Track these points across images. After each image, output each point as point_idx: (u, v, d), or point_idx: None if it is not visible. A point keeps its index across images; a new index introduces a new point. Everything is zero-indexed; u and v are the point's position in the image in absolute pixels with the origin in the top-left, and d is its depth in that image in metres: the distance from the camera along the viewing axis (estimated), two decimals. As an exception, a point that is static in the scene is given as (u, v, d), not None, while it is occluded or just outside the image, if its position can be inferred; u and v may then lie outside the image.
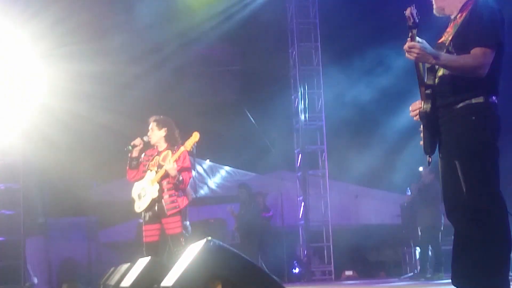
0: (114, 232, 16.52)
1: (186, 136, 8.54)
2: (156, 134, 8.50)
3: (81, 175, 14.64)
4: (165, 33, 15.45)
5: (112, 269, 9.65)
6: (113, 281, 8.42)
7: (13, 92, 13.68)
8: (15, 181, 14.52)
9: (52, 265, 15.55)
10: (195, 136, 8.31)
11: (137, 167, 8.61)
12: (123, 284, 6.85)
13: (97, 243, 16.16)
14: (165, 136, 8.48)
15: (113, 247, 15.52)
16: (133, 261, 7.45)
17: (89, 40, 13.71)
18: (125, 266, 8.15)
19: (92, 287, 10.18)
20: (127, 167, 8.71)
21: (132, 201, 8.71)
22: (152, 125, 8.55)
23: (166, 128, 8.49)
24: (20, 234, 14.55)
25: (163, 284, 4.57)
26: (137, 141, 8.61)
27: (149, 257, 6.83)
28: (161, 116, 8.68)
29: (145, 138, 8.58)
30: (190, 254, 4.50)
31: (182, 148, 8.28)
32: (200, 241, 4.55)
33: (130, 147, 8.49)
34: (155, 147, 8.64)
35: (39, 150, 13.93)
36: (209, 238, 4.76)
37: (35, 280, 14.67)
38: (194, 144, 8.43)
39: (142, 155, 8.74)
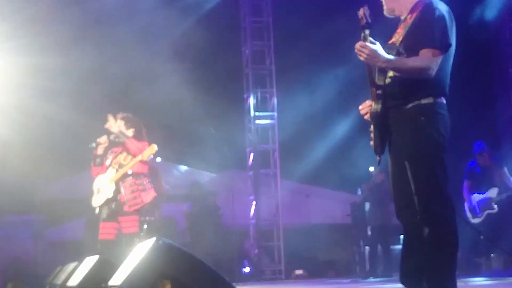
0: (61, 231, 16.42)
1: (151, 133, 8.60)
2: (123, 130, 8.48)
3: (28, 172, 14.50)
4: (120, 28, 15.39)
5: (58, 268, 9.54)
6: (59, 280, 8.34)
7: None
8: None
9: (1, 262, 15.43)
10: (152, 149, 8.31)
11: (101, 165, 8.60)
12: (70, 283, 6.78)
13: (44, 242, 16.08)
14: (133, 136, 8.45)
15: (60, 246, 15.43)
16: (80, 260, 7.39)
17: (40, 33, 13.58)
18: (72, 265, 8.06)
19: (38, 286, 10.06)
20: (91, 164, 8.70)
21: (91, 194, 8.69)
22: (119, 122, 8.51)
23: (133, 129, 8.47)
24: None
25: (110, 283, 4.53)
26: (103, 139, 8.59)
27: (97, 256, 6.78)
28: (129, 115, 8.65)
29: (112, 137, 8.55)
30: (138, 253, 4.47)
31: (138, 157, 8.27)
32: (149, 239, 4.54)
33: (94, 144, 8.45)
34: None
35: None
36: (158, 236, 4.76)
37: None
38: (150, 156, 8.41)
39: (108, 152, 8.73)
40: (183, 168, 18.17)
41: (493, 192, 11.93)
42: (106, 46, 15.17)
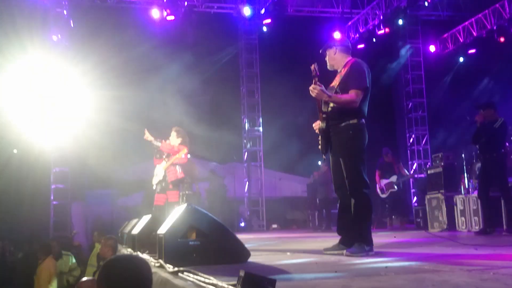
0: (128, 200, 16.34)
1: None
2: (174, 140, 8.46)
3: (108, 162, 14.42)
4: (164, 71, 15.45)
5: (126, 223, 9.52)
6: (126, 230, 8.33)
7: (65, 110, 13.52)
8: (66, 166, 14.36)
9: (88, 220, 15.36)
10: (184, 150, 8.33)
11: (161, 158, 8.56)
12: (133, 232, 6.78)
13: (117, 206, 16.01)
14: (180, 143, 8.44)
15: (127, 209, 15.34)
16: (139, 218, 7.37)
17: (115, 76, 13.59)
18: (134, 220, 8.06)
19: (113, 233, 10.01)
20: (154, 157, 8.68)
21: (152, 176, 8.70)
22: (173, 133, 8.52)
23: (181, 139, 8.46)
24: (68, 200, 14.36)
25: (158, 232, 4.54)
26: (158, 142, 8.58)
27: (150, 215, 6.78)
28: (180, 128, 8.64)
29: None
30: (176, 213, 4.48)
31: (176, 155, 8.29)
32: (183, 205, 4.55)
33: (159, 144, 8.41)
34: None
35: (82, 147, 13.77)
36: (189, 203, 4.77)
37: (76, 229, 14.49)
38: (182, 154, 8.40)
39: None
40: (207, 162, 18.11)
41: (393, 178, 11.96)
42: (151, 86, 15.22)
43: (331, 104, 4.86)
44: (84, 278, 5.32)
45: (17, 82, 13.33)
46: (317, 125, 4.98)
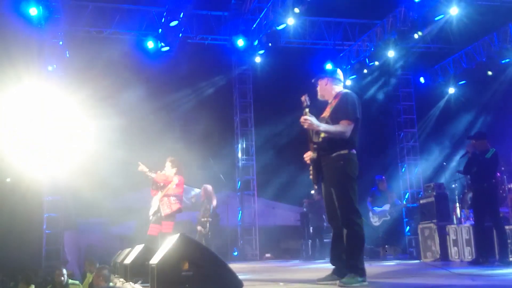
0: (120, 228, 16.18)
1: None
2: (169, 170, 8.46)
3: (100, 191, 14.34)
4: (159, 101, 15.54)
5: (119, 252, 9.40)
6: (119, 259, 8.22)
7: (58, 139, 13.47)
8: (58, 194, 14.25)
9: (81, 249, 15.19)
10: (175, 181, 8.35)
11: (157, 189, 8.55)
12: (125, 261, 6.68)
13: (109, 235, 15.83)
14: (175, 173, 8.44)
15: (119, 238, 15.19)
16: (132, 247, 7.28)
17: (110, 105, 13.62)
18: (127, 250, 7.95)
19: (105, 263, 9.88)
20: (151, 188, 8.68)
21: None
22: (168, 164, 8.53)
23: (176, 169, 8.48)
24: (60, 228, 14.21)
25: (151, 262, 4.48)
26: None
27: (143, 245, 6.69)
28: (175, 159, 8.67)
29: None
30: (168, 243, 4.43)
31: (168, 186, 8.33)
32: (175, 235, 4.50)
33: (153, 175, 8.41)
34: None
35: (75, 176, 13.68)
36: (181, 233, 4.71)
37: (69, 258, 14.29)
38: (175, 185, 8.41)
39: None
40: (197, 190, 18.00)
41: (386, 207, 11.95)
42: (145, 115, 15.26)
43: (322, 135, 4.86)
44: None
45: (11, 111, 13.31)
46: (308, 155, 4.97)
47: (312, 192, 13.86)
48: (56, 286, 7.64)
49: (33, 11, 13.18)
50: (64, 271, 9.57)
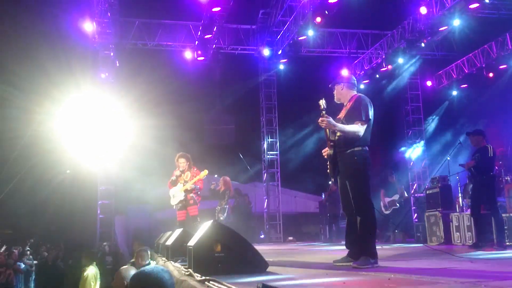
0: (163, 213, 16.34)
1: (200, 163, 8.57)
2: (183, 165, 8.45)
3: (145, 181, 14.53)
4: (195, 103, 15.59)
5: (161, 234, 9.50)
6: (161, 241, 8.31)
7: (110, 137, 13.68)
8: (111, 184, 14.48)
9: (129, 231, 15.39)
10: (205, 172, 8.31)
11: (175, 184, 8.54)
12: (167, 243, 6.75)
13: (153, 219, 16.00)
14: (187, 166, 8.42)
15: (162, 222, 15.34)
16: (172, 230, 7.35)
17: (153, 107, 13.76)
18: (168, 233, 8.04)
19: (150, 244, 10.00)
20: (169, 182, 8.67)
21: (169, 197, 8.71)
22: (181, 159, 8.50)
23: (189, 162, 8.45)
24: (112, 213, 14.45)
25: (188, 244, 4.51)
26: (177, 172, 8.55)
27: (182, 228, 6.75)
28: (187, 154, 8.62)
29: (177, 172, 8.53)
30: (203, 228, 4.45)
31: (198, 176, 8.27)
32: (209, 221, 4.52)
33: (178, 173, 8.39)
34: (178, 168, 8.57)
35: (124, 168, 13.89)
36: (214, 220, 4.74)
37: (118, 239, 14.52)
38: (204, 176, 8.40)
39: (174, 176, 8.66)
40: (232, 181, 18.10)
41: (395, 197, 11.79)
42: (183, 116, 15.34)
43: (338, 134, 4.81)
44: (123, 267, 5.24)
45: (71, 113, 13.58)
46: (325, 151, 4.92)
47: (330, 182, 13.78)
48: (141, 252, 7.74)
49: (88, 27, 13.39)
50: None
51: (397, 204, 11.73)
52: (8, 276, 11.69)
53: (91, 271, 8.04)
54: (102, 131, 13.62)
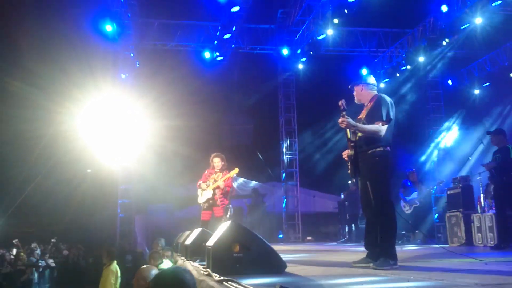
0: (182, 212, 16.47)
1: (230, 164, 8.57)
2: (218, 164, 8.46)
3: (164, 180, 14.66)
4: (214, 103, 15.68)
5: (180, 234, 9.58)
6: (181, 240, 8.39)
7: (130, 137, 13.83)
8: (131, 183, 14.64)
9: (149, 230, 15.52)
10: (236, 170, 8.31)
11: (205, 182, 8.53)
12: (186, 242, 6.82)
13: (173, 218, 16.10)
14: (221, 166, 8.44)
15: (181, 221, 15.43)
16: (192, 230, 7.41)
17: (172, 107, 13.87)
18: (187, 232, 8.10)
19: (170, 242, 10.09)
20: (199, 181, 8.65)
21: (197, 196, 8.70)
22: (216, 159, 8.51)
23: (223, 163, 8.46)
24: (132, 212, 14.60)
25: (207, 244, 4.55)
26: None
27: (201, 228, 6.80)
28: (222, 154, 8.63)
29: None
30: (222, 228, 4.50)
31: (228, 174, 8.27)
32: (228, 221, 4.56)
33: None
34: (214, 168, 8.58)
35: (144, 168, 14.02)
36: (232, 219, 4.77)
37: (138, 239, 14.66)
38: (234, 175, 8.40)
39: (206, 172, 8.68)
40: (249, 181, 18.12)
41: (415, 195, 11.69)
42: (202, 116, 15.39)
43: (359, 134, 4.80)
44: (144, 266, 5.31)
45: (92, 113, 13.78)
46: (346, 153, 4.91)
47: (349, 182, 13.73)
48: (153, 254, 7.83)
49: (109, 28, 13.56)
50: (162, 241, 9.75)
51: (417, 202, 11.62)
52: (29, 275, 11.93)
53: (112, 269, 8.14)
54: (122, 131, 13.78)
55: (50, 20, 15.00)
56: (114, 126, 13.78)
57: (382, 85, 15.45)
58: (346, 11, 12.25)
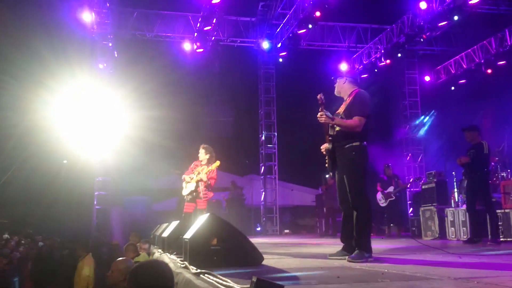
0: (160, 205, 16.39)
1: (197, 155, 8.45)
2: (203, 156, 8.33)
3: (144, 172, 14.55)
4: (194, 95, 15.60)
5: (157, 226, 9.53)
6: (157, 232, 8.34)
7: (108, 127, 13.66)
8: (108, 175, 14.48)
9: (125, 223, 15.38)
10: (217, 163, 8.18)
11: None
12: (163, 235, 6.79)
13: (150, 211, 15.98)
14: (208, 159, 8.31)
15: (159, 214, 15.35)
16: (169, 222, 7.37)
17: (151, 98, 13.74)
18: (164, 225, 8.06)
19: (147, 235, 10.02)
20: (185, 173, 8.54)
21: (175, 188, 8.55)
22: (202, 150, 8.37)
23: (209, 155, 8.33)
24: (108, 205, 14.46)
25: (185, 236, 4.54)
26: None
27: (178, 221, 6.77)
28: (208, 146, 8.48)
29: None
30: (200, 221, 4.48)
31: (210, 167, 8.14)
32: (206, 214, 4.55)
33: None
34: (200, 161, 8.47)
35: (122, 160, 13.87)
36: (211, 212, 4.76)
37: (115, 231, 14.53)
38: (216, 167, 8.28)
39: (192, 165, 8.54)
40: (225, 174, 18.11)
41: (390, 189, 11.84)
42: (182, 107, 15.29)
43: (337, 128, 4.83)
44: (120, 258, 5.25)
45: (67, 103, 13.55)
46: (324, 146, 4.94)
47: (327, 176, 13.82)
48: (128, 247, 7.74)
49: (87, 17, 13.33)
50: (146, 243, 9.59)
51: (393, 196, 11.78)
52: (3, 266, 11.71)
53: (86, 262, 8.06)
54: (100, 121, 13.61)
55: (26, 7, 14.69)
56: (92, 117, 13.60)
57: (360, 80, 15.58)
58: (326, 6, 12.28)
